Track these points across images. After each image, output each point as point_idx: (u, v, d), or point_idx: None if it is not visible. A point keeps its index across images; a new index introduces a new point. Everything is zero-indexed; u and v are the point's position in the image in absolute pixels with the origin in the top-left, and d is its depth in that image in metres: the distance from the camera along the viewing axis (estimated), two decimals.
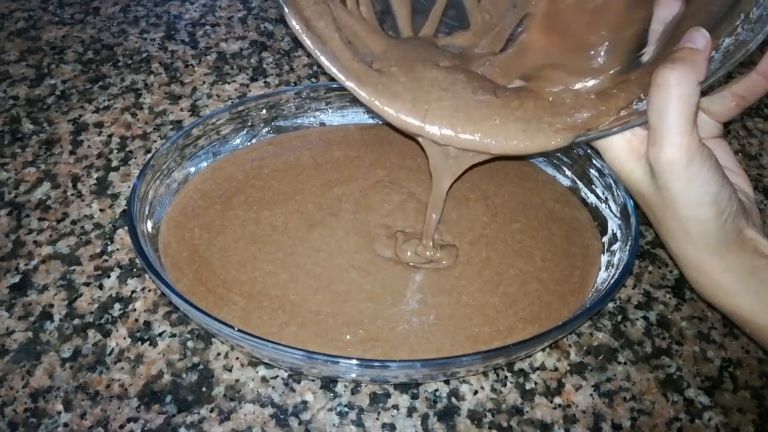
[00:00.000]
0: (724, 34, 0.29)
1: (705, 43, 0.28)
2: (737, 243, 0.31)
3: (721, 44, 0.29)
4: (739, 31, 0.28)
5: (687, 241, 0.31)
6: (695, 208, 0.30)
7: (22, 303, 0.38)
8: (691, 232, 0.31)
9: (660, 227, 0.33)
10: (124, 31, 0.59)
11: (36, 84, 0.53)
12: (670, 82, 0.28)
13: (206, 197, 0.42)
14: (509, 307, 0.37)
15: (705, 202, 0.29)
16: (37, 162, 0.46)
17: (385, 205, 0.42)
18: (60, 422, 0.33)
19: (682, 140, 0.28)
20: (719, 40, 0.29)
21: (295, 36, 0.59)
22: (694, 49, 0.28)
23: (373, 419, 0.34)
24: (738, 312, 0.33)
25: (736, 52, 0.28)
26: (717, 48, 0.29)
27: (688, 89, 0.28)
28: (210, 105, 0.52)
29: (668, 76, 0.28)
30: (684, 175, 0.29)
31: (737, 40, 0.28)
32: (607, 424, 0.34)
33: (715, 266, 0.31)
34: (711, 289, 0.33)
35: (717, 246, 0.31)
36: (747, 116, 0.55)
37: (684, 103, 0.28)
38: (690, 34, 0.29)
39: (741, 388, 0.36)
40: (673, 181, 0.29)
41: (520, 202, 0.43)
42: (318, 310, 0.36)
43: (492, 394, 0.35)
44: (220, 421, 0.33)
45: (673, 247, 0.33)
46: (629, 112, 0.32)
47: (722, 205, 0.30)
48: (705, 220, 0.30)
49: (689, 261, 0.32)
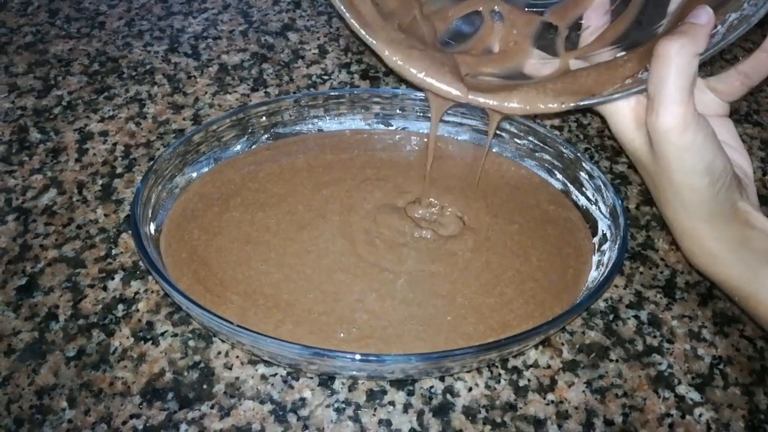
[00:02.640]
0: (731, 9, 0.30)
1: (707, 19, 0.30)
2: (730, 213, 0.32)
3: (727, 19, 0.30)
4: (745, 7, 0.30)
5: (681, 209, 0.32)
6: (689, 176, 0.31)
7: (29, 304, 0.39)
8: (684, 200, 0.32)
9: (657, 195, 0.34)
10: (128, 44, 0.61)
11: (43, 95, 0.55)
12: (669, 53, 0.29)
13: (205, 200, 0.43)
14: (504, 306, 0.38)
15: (699, 170, 0.30)
16: (44, 169, 0.48)
17: (365, 205, 0.43)
18: (64, 419, 0.34)
19: (678, 108, 0.29)
20: (726, 15, 0.30)
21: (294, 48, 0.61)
22: (696, 24, 0.30)
23: (370, 415, 0.35)
24: (728, 280, 0.34)
25: (739, 25, 0.30)
26: (723, 22, 0.30)
27: (686, 60, 0.29)
28: (212, 114, 0.53)
29: (668, 47, 0.29)
30: (679, 143, 0.30)
31: (742, 15, 0.30)
32: (599, 419, 0.35)
33: (708, 234, 0.32)
34: (703, 257, 0.34)
35: (710, 215, 0.32)
36: (736, 122, 0.56)
37: (682, 73, 0.29)
38: (695, 11, 0.30)
39: (731, 385, 0.37)
40: (669, 148, 0.30)
41: (517, 204, 0.44)
42: (311, 309, 0.37)
43: (486, 391, 0.36)
44: (220, 417, 0.34)
45: (668, 215, 0.34)
46: (634, 80, 0.33)
47: (716, 174, 0.31)
48: (698, 188, 0.31)
49: (683, 229, 0.33)
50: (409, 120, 0.49)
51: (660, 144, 0.31)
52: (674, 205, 0.33)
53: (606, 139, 0.53)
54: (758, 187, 0.50)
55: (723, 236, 0.32)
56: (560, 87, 0.34)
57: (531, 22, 0.39)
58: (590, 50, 0.37)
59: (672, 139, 0.30)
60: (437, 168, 0.46)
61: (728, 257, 0.33)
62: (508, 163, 0.47)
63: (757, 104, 0.59)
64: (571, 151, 0.44)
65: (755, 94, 0.60)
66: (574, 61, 0.37)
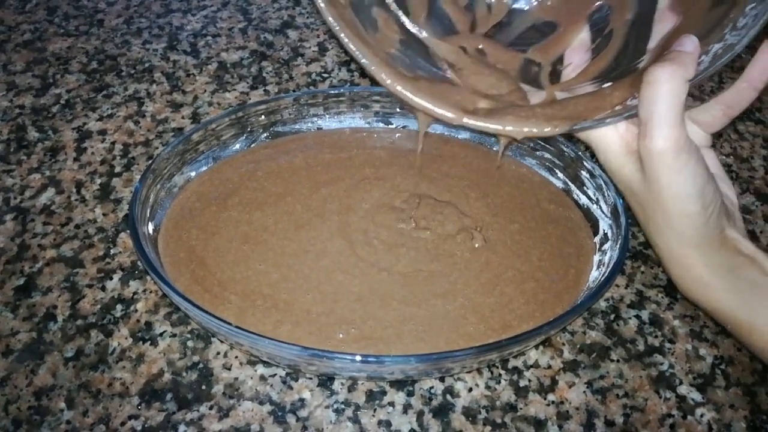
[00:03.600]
0: (714, 40, 0.31)
1: (693, 46, 0.30)
2: (719, 240, 0.32)
3: (710, 49, 0.31)
4: (727, 38, 0.31)
5: (673, 235, 0.32)
6: (682, 201, 0.31)
7: (27, 304, 0.39)
8: (676, 227, 0.32)
9: (647, 224, 0.34)
10: (127, 42, 0.60)
11: (41, 93, 0.54)
12: (660, 78, 0.29)
13: (203, 199, 0.43)
14: (505, 306, 0.38)
15: (691, 196, 0.31)
16: (42, 168, 0.48)
17: (364, 204, 0.43)
18: (63, 419, 0.34)
19: (671, 131, 0.30)
20: (709, 47, 0.31)
21: (294, 46, 0.60)
22: (684, 51, 0.30)
23: (370, 416, 0.34)
24: (719, 308, 0.34)
25: (723, 54, 0.30)
26: (707, 53, 0.31)
27: (677, 85, 0.29)
28: (211, 113, 0.53)
29: (659, 72, 0.29)
30: (673, 166, 0.30)
31: (725, 44, 0.30)
32: (600, 420, 0.35)
33: (698, 262, 0.33)
34: (693, 284, 0.34)
35: (700, 242, 0.32)
36: (739, 120, 0.56)
37: (673, 97, 0.29)
38: (680, 39, 0.31)
39: (733, 385, 0.37)
40: (663, 171, 0.30)
41: (518, 203, 0.44)
42: (309, 309, 0.37)
43: (486, 391, 0.36)
44: (219, 418, 0.34)
45: (659, 243, 0.34)
46: (623, 107, 0.33)
47: (707, 200, 0.31)
48: (690, 214, 0.31)
49: (673, 257, 0.34)
50: (410, 118, 0.48)
51: (653, 168, 0.31)
52: (665, 232, 0.33)
53: None
54: (761, 185, 0.50)
55: (713, 263, 0.33)
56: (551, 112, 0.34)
57: (514, 58, 0.40)
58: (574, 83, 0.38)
59: (666, 162, 0.30)
60: (437, 167, 0.46)
61: (719, 284, 0.33)
62: (508, 161, 0.47)
63: (759, 102, 0.58)
64: (572, 150, 0.43)
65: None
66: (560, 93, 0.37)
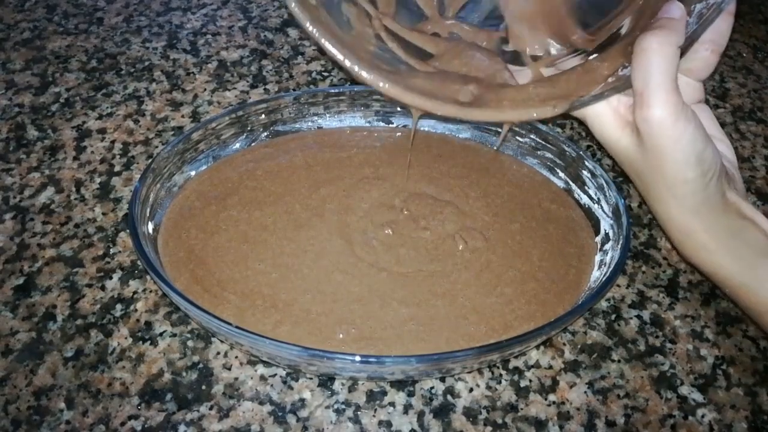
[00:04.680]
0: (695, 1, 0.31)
1: (680, 12, 0.31)
2: (720, 204, 0.32)
3: (693, 9, 0.31)
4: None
5: (674, 202, 0.32)
6: (682, 167, 0.31)
7: (26, 304, 0.39)
8: (677, 193, 0.32)
9: (648, 193, 0.34)
10: (127, 41, 0.60)
11: (41, 92, 0.54)
12: (652, 47, 0.30)
13: (203, 198, 0.43)
14: (506, 306, 0.37)
15: (691, 161, 0.31)
16: (42, 167, 0.47)
17: (362, 204, 0.43)
18: (62, 420, 0.33)
19: (668, 98, 0.30)
20: (691, 6, 0.31)
21: (294, 45, 0.60)
22: (671, 18, 0.30)
23: (370, 416, 0.34)
24: (719, 271, 0.34)
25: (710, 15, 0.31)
26: (690, 13, 0.31)
27: (669, 51, 0.30)
28: (211, 111, 0.53)
29: (650, 41, 0.30)
30: (672, 133, 0.30)
31: (708, 3, 0.31)
32: (601, 420, 0.35)
33: (699, 226, 0.33)
34: (694, 249, 0.34)
35: (701, 207, 0.32)
36: (740, 119, 0.56)
37: (666, 64, 0.30)
38: (666, 6, 0.31)
39: (734, 386, 0.37)
40: (661, 139, 0.30)
41: (519, 203, 0.44)
42: (309, 309, 0.36)
43: (487, 392, 0.36)
44: (219, 418, 0.34)
45: (659, 211, 0.34)
46: (616, 78, 0.34)
47: (706, 164, 0.31)
48: (691, 180, 0.31)
49: (674, 223, 0.34)
50: (410, 117, 0.48)
51: (652, 137, 0.31)
52: (666, 201, 0.33)
53: None
54: (762, 185, 0.49)
55: (714, 227, 0.33)
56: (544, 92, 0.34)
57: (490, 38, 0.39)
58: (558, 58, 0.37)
59: (665, 130, 0.30)
60: (437, 167, 0.46)
61: (720, 248, 0.33)
62: (509, 161, 0.47)
63: (761, 101, 0.58)
64: (573, 149, 0.43)
65: (759, 92, 0.59)
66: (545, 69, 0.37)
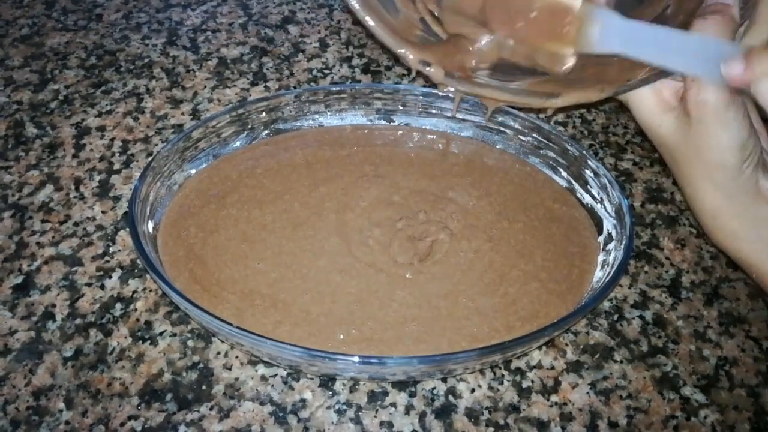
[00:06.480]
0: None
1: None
2: (753, 192, 0.33)
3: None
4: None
5: (708, 187, 0.33)
6: (725, 153, 0.31)
7: (25, 303, 0.38)
8: (714, 179, 0.32)
9: (682, 175, 0.34)
10: (126, 37, 0.60)
11: (39, 89, 0.54)
12: (709, 32, 0.30)
13: (202, 196, 0.42)
14: (508, 306, 0.37)
15: (735, 147, 0.31)
16: (41, 165, 0.47)
17: (361, 203, 0.42)
18: (62, 420, 0.33)
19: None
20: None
21: (295, 42, 0.60)
22: (724, 3, 0.30)
23: (371, 417, 0.34)
24: (747, 257, 0.35)
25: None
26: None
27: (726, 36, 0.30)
28: (211, 109, 0.52)
29: (707, 26, 0.30)
30: (722, 119, 0.30)
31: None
32: (603, 421, 0.35)
33: (731, 212, 0.33)
34: (722, 234, 0.35)
35: (734, 193, 0.33)
36: None
37: None
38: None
39: (737, 386, 0.37)
40: (713, 123, 0.31)
41: (521, 202, 0.43)
42: (308, 309, 0.36)
43: (489, 392, 0.35)
44: (219, 418, 0.34)
45: (692, 195, 0.34)
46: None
47: (747, 152, 0.31)
48: (731, 166, 0.32)
49: (706, 208, 0.34)
50: (411, 116, 0.48)
51: (702, 121, 0.31)
52: (701, 185, 0.33)
53: (611, 135, 0.52)
54: None
55: (745, 214, 0.33)
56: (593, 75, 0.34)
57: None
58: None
59: (718, 115, 0.30)
60: (440, 165, 0.46)
61: (750, 235, 0.34)
62: (512, 159, 0.46)
63: None
64: (575, 148, 0.43)
65: None
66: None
